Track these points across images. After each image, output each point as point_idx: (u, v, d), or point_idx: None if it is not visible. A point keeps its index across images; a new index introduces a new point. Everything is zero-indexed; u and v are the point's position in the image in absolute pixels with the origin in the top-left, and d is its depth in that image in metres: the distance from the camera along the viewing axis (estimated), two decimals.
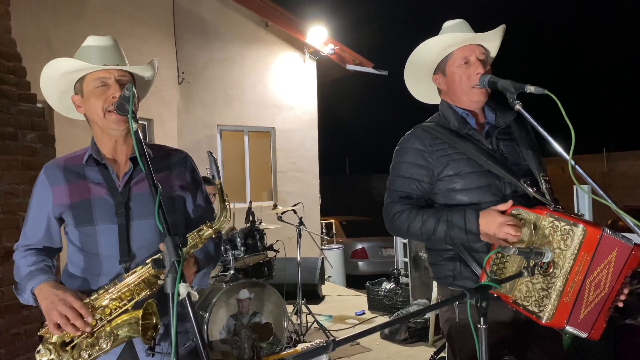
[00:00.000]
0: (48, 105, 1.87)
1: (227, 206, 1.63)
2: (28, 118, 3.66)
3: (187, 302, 1.22)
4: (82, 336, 1.57)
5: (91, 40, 1.70)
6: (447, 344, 1.99)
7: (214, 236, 1.65)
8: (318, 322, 5.09)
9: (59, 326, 1.54)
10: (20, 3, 4.34)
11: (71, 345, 1.57)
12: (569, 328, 1.57)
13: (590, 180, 1.69)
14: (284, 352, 4.30)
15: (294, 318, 5.04)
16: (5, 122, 3.49)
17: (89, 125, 1.79)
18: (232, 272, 4.48)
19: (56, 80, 1.73)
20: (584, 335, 1.58)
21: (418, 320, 4.87)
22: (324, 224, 10.02)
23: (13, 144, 3.53)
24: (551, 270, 1.57)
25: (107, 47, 1.69)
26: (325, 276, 7.85)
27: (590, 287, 1.56)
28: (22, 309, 3.50)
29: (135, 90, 1.69)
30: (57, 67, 1.69)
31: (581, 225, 1.53)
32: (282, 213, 5.35)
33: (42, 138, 3.75)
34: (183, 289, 1.20)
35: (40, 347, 1.58)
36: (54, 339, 1.58)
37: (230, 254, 4.56)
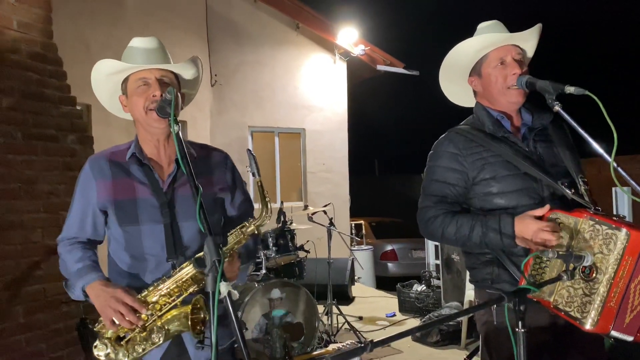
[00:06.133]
0: (87, 107, 1.93)
1: (268, 203, 1.65)
2: (68, 120, 3.78)
3: (228, 300, 1.24)
4: (135, 331, 1.62)
5: (135, 41, 1.74)
6: (483, 347, 1.97)
7: (256, 232, 1.67)
8: (349, 323, 5.09)
9: (114, 322, 1.60)
10: (60, 8, 4.48)
11: (125, 340, 1.63)
12: (614, 333, 1.53)
13: (632, 182, 1.65)
14: (315, 353, 4.31)
15: (324, 318, 5.05)
16: (47, 124, 3.61)
17: (134, 125, 1.82)
18: (264, 271, 4.53)
19: (103, 81, 1.78)
20: (629, 339, 1.55)
21: (450, 322, 4.82)
22: (353, 225, 10.01)
23: (54, 146, 3.65)
24: (594, 275, 1.54)
25: (150, 46, 1.73)
26: (355, 277, 7.83)
27: (636, 291, 1.53)
28: (62, 305, 3.61)
29: (178, 91, 1.74)
30: (101, 68, 1.74)
31: (624, 229, 1.50)
32: (313, 214, 5.37)
33: (81, 139, 3.86)
34: (224, 287, 1.22)
35: (97, 342, 1.64)
36: (109, 334, 1.63)
37: (262, 254, 4.61)
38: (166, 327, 1.60)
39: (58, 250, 1.81)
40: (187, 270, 1.62)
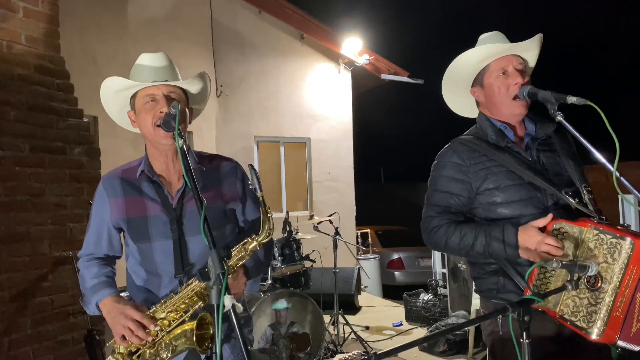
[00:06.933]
0: (94, 119, 1.95)
1: (270, 218, 1.65)
2: (75, 132, 3.81)
3: (232, 313, 1.25)
4: (146, 346, 1.65)
5: (144, 58, 1.76)
6: (489, 357, 1.96)
7: (258, 248, 1.67)
8: (355, 333, 5.07)
9: (124, 338, 1.63)
10: (67, 21, 4.54)
11: (137, 354, 1.66)
12: (620, 343, 1.52)
13: (634, 191, 1.65)
14: None
15: (330, 328, 5.03)
16: (55, 137, 3.65)
17: (144, 141, 1.84)
18: (269, 281, 4.53)
19: (112, 97, 1.80)
20: (636, 349, 1.54)
21: (457, 332, 4.79)
22: (359, 234, 9.99)
23: (61, 158, 3.68)
24: (599, 284, 1.53)
25: (159, 63, 1.75)
26: (362, 286, 7.81)
27: None
28: (69, 316, 3.63)
29: (185, 106, 1.76)
30: (109, 85, 1.77)
31: (629, 238, 1.49)
32: (318, 223, 5.36)
33: (88, 151, 3.90)
34: (228, 300, 1.23)
35: (109, 357, 1.68)
36: (122, 349, 1.67)
37: None
38: (173, 343, 1.62)
39: (78, 266, 1.86)
40: (193, 286, 1.63)
